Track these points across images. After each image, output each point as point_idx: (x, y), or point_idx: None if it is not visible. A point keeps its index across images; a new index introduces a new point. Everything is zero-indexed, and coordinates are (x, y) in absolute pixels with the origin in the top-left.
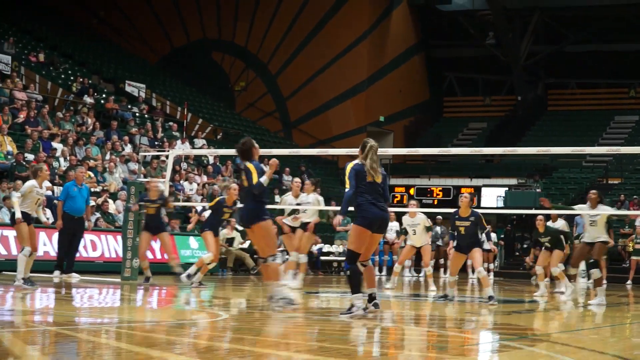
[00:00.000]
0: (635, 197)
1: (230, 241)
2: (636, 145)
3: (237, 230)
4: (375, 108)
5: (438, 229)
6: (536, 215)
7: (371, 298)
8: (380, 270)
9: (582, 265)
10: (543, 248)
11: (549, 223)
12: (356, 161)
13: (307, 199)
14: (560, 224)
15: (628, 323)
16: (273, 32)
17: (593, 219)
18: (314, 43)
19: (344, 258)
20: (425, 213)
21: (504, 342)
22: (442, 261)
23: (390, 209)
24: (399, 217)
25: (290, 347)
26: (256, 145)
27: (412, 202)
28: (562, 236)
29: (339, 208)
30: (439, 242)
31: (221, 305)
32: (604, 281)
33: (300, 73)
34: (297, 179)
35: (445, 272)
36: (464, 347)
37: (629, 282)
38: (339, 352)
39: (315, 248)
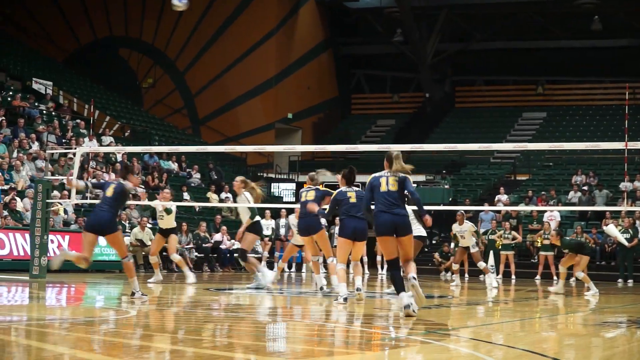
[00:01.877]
0: (543, 193)
1: (140, 241)
2: (544, 142)
3: (147, 227)
4: (284, 105)
5: None
6: (449, 211)
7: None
8: (290, 267)
9: (491, 261)
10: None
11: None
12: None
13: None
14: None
15: (537, 317)
16: (181, 29)
17: (462, 233)
18: (222, 40)
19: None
20: None
21: (412, 337)
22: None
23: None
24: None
25: (198, 344)
26: None
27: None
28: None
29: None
30: None
31: (130, 302)
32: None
33: (209, 70)
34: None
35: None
36: (372, 343)
37: (538, 277)
38: (247, 348)
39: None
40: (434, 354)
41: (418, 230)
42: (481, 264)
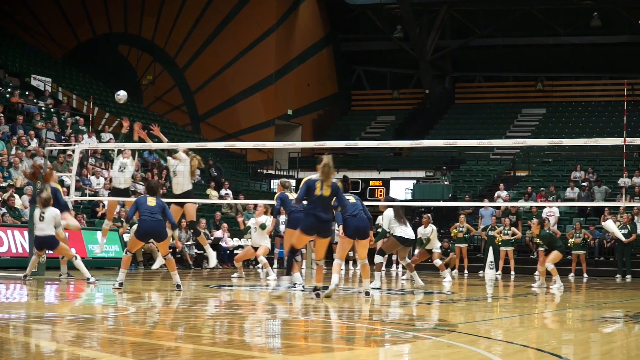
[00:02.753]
0: (542, 189)
1: None
2: (543, 138)
3: None
4: (284, 101)
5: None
6: (448, 207)
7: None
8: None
9: (491, 257)
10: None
11: (420, 228)
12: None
13: None
14: (429, 230)
15: (536, 313)
16: (180, 26)
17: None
18: (222, 36)
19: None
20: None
21: (411, 333)
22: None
23: None
24: None
25: (198, 340)
26: None
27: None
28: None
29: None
30: None
31: (130, 299)
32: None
33: (208, 67)
34: None
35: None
36: (371, 339)
37: (537, 273)
38: (245, 345)
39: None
40: (433, 349)
41: (402, 231)
42: (437, 262)
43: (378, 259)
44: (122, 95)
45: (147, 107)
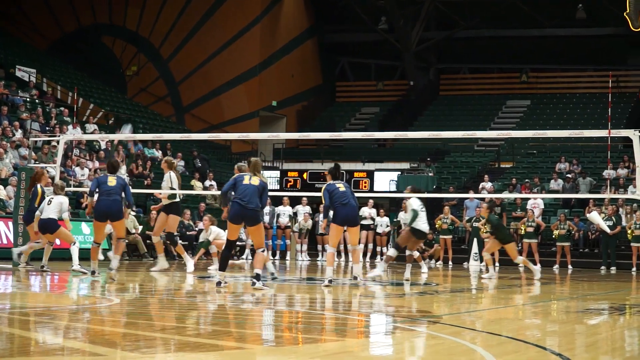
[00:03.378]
0: (527, 180)
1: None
2: (527, 130)
3: (131, 215)
4: (268, 93)
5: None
6: (433, 199)
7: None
8: (274, 255)
9: (475, 248)
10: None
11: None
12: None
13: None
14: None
15: (520, 304)
16: (164, 17)
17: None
18: (206, 28)
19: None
20: (316, 197)
21: (396, 325)
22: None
23: (285, 194)
24: (293, 202)
25: (183, 331)
26: None
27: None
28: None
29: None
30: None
31: (114, 290)
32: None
33: (193, 58)
34: None
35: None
36: (355, 330)
37: (521, 265)
38: (230, 335)
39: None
40: (418, 341)
41: (424, 224)
42: (415, 253)
43: (392, 252)
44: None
45: (131, 98)
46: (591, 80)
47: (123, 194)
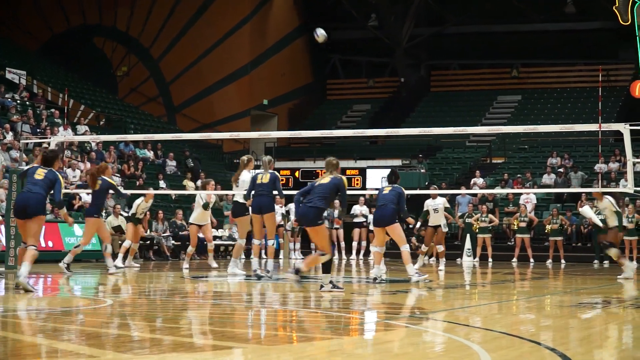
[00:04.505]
0: (519, 175)
1: (117, 228)
2: (519, 125)
3: (122, 216)
4: (259, 91)
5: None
6: (426, 195)
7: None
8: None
9: (468, 244)
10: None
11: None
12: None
13: None
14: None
15: (514, 300)
16: (155, 17)
17: (435, 207)
18: (196, 27)
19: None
20: None
21: (389, 322)
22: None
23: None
24: (286, 201)
25: (176, 332)
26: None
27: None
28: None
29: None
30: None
31: (107, 291)
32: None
33: (183, 57)
34: None
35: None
36: (350, 328)
37: (514, 259)
38: (224, 335)
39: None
40: (412, 337)
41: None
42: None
43: (424, 248)
44: (320, 34)
45: (122, 98)
46: (581, 74)
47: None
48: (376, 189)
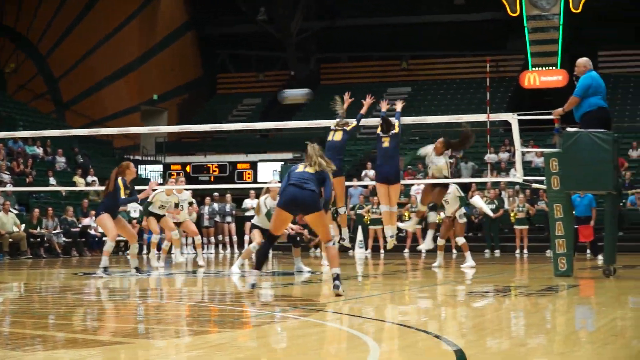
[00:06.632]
0: (409, 167)
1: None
2: (409, 116)
3: (12, 212)
4: (149, 86)
5: None
6: None
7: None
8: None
9: (360, 235)
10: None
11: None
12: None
13: None
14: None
15: (406, 290)
16: (43, 12)
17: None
18: (85, 22)
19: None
20: (199, 190)
21: (279, 314)
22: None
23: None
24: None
25: (65, 328)
26: None
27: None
28: None
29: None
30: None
31: None
32: None
33: (72, 53)
34: None
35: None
36: (240, 321)
37: (406, 250)
38: (115, 332)
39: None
40: (302, 329)
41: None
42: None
43: (440, 241)
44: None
45: (11, 95)
46: (470, 65)
47: None
48: (268, 183)
